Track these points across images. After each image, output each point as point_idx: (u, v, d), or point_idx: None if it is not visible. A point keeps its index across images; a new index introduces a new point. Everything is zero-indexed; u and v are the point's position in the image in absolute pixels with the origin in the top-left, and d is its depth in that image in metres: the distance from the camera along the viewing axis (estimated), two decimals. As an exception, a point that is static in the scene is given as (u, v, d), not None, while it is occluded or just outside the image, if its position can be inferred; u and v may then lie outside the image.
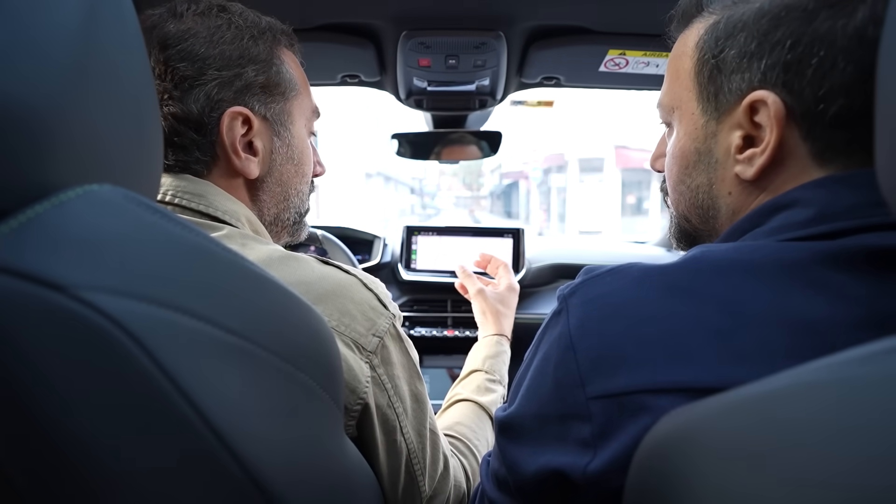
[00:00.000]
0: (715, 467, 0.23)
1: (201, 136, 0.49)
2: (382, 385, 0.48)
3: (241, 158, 0.51)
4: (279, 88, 0.53)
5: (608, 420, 0.34)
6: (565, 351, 0.37)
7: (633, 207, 18.82)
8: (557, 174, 21.22)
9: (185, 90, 0.48)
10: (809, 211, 0.36)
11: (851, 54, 0.35)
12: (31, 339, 0.21)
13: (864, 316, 0.31)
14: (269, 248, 0.47)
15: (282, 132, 0.54)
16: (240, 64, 0.49)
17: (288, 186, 0.57)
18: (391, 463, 0.50)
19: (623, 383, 0.33)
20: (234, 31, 0.50)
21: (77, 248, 0.23)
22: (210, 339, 0.26)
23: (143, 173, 0.30)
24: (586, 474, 0.34)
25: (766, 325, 0.32)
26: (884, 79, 0.25)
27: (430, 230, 1.43)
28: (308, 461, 0.32)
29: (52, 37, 0.23)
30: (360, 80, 1.06)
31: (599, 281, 0.38)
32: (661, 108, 0.48)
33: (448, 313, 1.40)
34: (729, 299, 0.33)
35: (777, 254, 0.34)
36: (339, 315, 0.45)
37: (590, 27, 0.87)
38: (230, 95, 0.49)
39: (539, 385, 0.39)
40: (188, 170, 0.50)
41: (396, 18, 0.85)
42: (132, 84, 0.28)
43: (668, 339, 0.33)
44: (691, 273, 0.35)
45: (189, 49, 0.47)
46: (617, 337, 0.35)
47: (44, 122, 0.22)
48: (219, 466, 0.25)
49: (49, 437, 0.22)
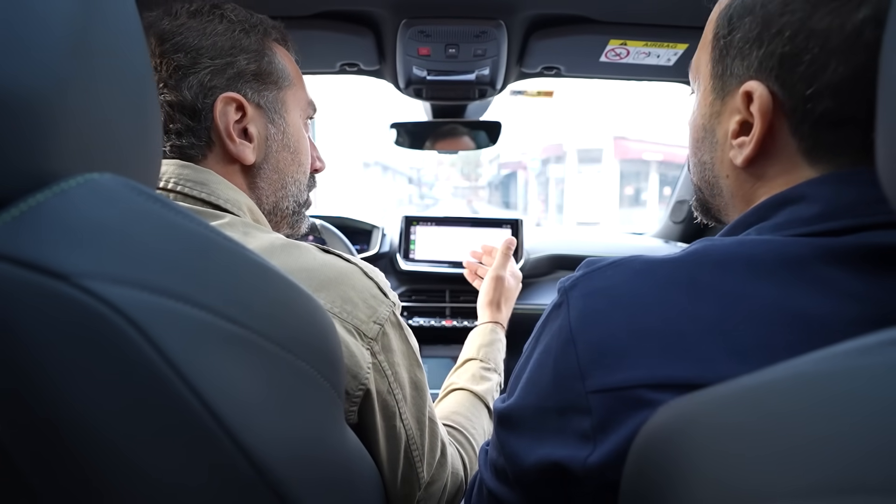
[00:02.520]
0: (711, 458, 0.23)
1: (195, 121, 0.51)
2: (383, 371, 0.48)
3: (236, 143, 0.52)
4: (271, 77, 0.55)
5: (608, 413, 0.34)
6: (566, 344, 0.36)
7: (631, 199, 18.82)
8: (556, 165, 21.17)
9: (179, 78, 0.50)
10: (815, 207, 0.35)
11: (844, 55, 0.34)
12: (33, 328, 0.21)
13: (865, 313, 0.31)
14: (271, 237, 0.48)
15: (276, 119, 0.56)
16: (231, 53, 0.51)
17: (285, 174, 0.58)
18: (390, 448, 0.50)
19: (622, 378, 0.33)
20: (226, 24, 0.52)
21: (78, 237, 0.23)
22: (211, 327, 0.26)
23: (143, 162, 0.30)
24: (586, 466, 0.34)
25: (767, 322, 0.32)
26: (886, 77, 0.25)
27: (428, 220, 1.42)
28: (309, 447, 0.32)
29: (52, 24, 0.23)
30: (360, 69, 1.05)
31: (600, 274, 0.38)
32: (690, 71, 0.48)
33: (446, 303, 1.41)
34: (729, 294, 0.33)
35: (780, 249, 0.34)
36: (341, 302, 0.46)
37: (591, 17, 0.86)
38: (223, 82, 0.51)
39: (539, 377, 0.39)
40: (185, 155, 0.51)
41: (396, 6, 0.84)
42: (133, 73, 0.28)
43: (668, 333, 0.33)
44: (693, 267, 0.35)
45: (183, 41, 0.50)
46: (617, 331, 0.35)
47: (44, 110, 0.22)
48: (220, 452, 0.25)
49: (53, 425, 0.22)
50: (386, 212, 11.04)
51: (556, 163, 21.02)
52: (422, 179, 39.09)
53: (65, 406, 0.22)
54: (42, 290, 0.21)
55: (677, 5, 0.80)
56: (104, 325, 0.22)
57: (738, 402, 0.24)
